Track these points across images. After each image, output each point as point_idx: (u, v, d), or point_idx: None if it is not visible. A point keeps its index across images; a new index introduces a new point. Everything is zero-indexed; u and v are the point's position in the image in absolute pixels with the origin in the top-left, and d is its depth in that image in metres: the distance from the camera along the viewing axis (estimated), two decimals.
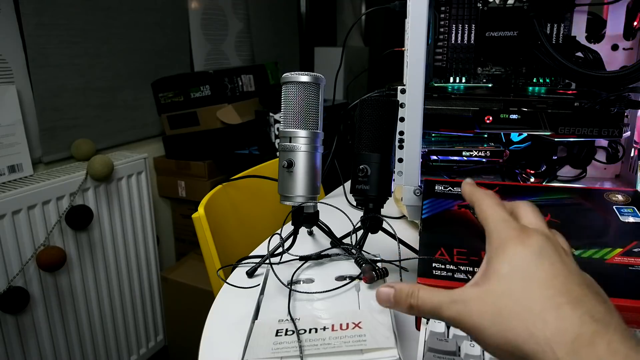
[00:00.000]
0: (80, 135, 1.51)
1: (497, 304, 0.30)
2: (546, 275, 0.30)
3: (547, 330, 0.27)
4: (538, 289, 0.29)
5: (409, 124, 0.60)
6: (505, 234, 0.33)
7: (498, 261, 0.32)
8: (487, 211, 0.36)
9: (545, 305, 0.28)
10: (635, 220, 0.53)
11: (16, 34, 1.31)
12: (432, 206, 0.58)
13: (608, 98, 0.62)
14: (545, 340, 0.27)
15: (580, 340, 0.26)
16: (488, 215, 0.36)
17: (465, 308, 0.31)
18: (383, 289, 0.37)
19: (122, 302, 1.56)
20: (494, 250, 0.33)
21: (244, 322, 0.46)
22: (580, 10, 0.73)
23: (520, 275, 0.30)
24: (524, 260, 0.31)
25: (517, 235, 0.33)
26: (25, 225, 1.22)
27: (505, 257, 0.32)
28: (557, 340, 0.26)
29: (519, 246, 0.32)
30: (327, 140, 0.66)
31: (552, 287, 0.29)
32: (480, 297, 0.31)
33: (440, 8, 0.75)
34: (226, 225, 0.96)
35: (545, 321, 0.27)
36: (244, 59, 2.29)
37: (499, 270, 0.31)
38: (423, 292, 0.34)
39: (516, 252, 0.32)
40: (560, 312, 0.27)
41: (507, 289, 0.30)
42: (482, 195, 0.38)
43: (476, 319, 0.30)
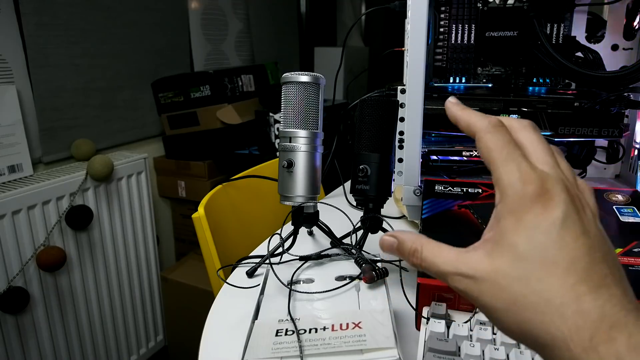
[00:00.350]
0: (80, 135, 1.51)
1: (511, 289, 0.27)
2: (570, 257, 0.26)
3: (564, 327, 0.25)
4: (559, 276, 0.26)
5: (409, 124, 0.60)
6: (522, 192, 0.28)
7: (515, 231, 0.27)
8: (495, 154, 0.29)
9: (565, 298, 0.26)
10: (635, 220, 0.53)
11: (16, 34, 1.31)
12: (432, 206, 0.58)
13: (608, 98, 0.62)
14: (562, 337, 0.25)
15: (598, 337, 0.25)
16: (497, 160, 0.29)
17: (474, 285, 0.28)
18: (387, 238, 0.33)
19: (122, 302, 1.56)
20: (508, 212, 0.28)
21: (244, 322, 0.46)
22: (580, 10, 0.73)
23: (540, 257, 0.27)
24: (546, 236, 0.27)
25: (538, 195, 0.27)
26: (25, 225, 1.22)
27: (524, 229, 0.27)
28: (573, 338, 0.25)
29: (540, 215, 0.27)
30: (327, 140, 0.66)
31: (574, 273, 0.26)
32: (492, 277, 0.28)
33: (440, 8, 0.75)
34: (226, 225, 0.96)
35: (563, 316, 0.25)
36: (244, 59, 2.29)
37: (517, 246, 0.27)
38: (427, 252, 0.31)
39: (537, 223, 0.27)
40: (580, 305, 0.25)
41: (524, 274, 0.27)
42: (485, 128, 0.30)
43: (488, 300, 0.28)
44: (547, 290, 0.26)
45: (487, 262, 0.28)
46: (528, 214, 0.27)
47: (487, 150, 0.30)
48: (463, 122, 0.32)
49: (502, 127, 0.30)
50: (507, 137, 0.30)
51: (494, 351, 0.41)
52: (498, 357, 0.41)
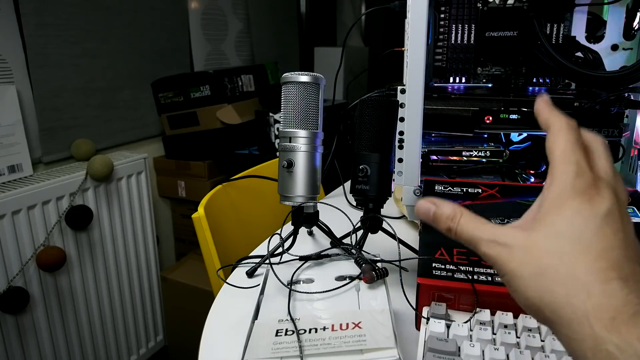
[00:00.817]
0: (80, 135, 1.51)
1: (542, 260, 0.28)
2: (604, 245, 0.28)
3: (588, 303, 0.26)
4: (591, 258, 0.27)
5: (408, 124, 0.60)
6: (573, 185, 0.29)
7: (556, 212, 0.29)
8: (561, 148, 0.31)
9: (593, 277, 0.26)
10: (635, 221, 0.53)
11: (16, 34, 1.31)
12: None
13: (608, 98, 0.62)
14: (584, 312, 0.26)
15: (621, 318, 0.25)
16: (560, 153, 0.31)
17: (505, 252, 0.29)
18: (424, 203, 0.35)
19: (122, 302, 1.56)
20: (554, 197, 0.30)
21: (244, 322, 0.46)
22: (580, 10, 0.73)
23: (576, 238, 0.28)
24: (586, 222, 0.28)
25: (586, 191, 0.29)
26: (25, 226, 1.22)
27: (566, 211, 0.29)
28: (596, 315, 0.25)
29: (585, 204, 0.28)
30: (327, 140, 0.66)
31: (607, 259, 0.27)
32: (526, 246, 0.29)
33: (440, 8, 0.75)
34: (226, 225, 0.96)
35: (589, 293, 0.26)
36: (244, 59, 2.29)
37: (555, 224, 0.29)
38: (465, 219, 0.32)
39: (580, 209, 0.28)
40: (607, 287, 0.26)
41: (559, 248, 0.28)
42: (561, 126, 0.32)
43: (515, 267, 0.29)
44: (577, 267, 0.27)
45: (523, 235, 0.30)
46: (574, 200, 0.29)
47: (554, 143, 0.31)
48: (543, 116, 0.34)
49: (577, 129, 0.32)
50: (576, 137, 0.31)
51: (494, 351, 0.41)
52: (498, 357, 0.41)
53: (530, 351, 0.41)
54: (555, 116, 0.33)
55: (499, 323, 0.45)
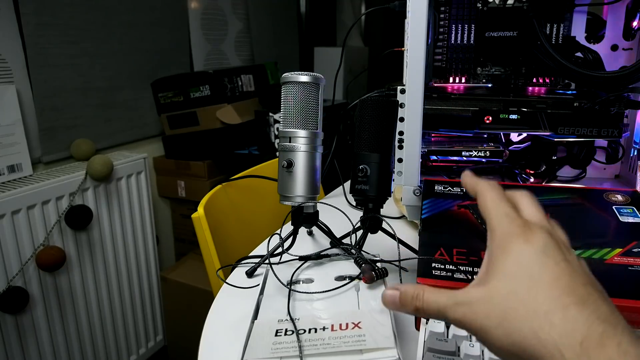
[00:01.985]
0: (80, 135, 1.51)
1: (502, 305, 0.30)
2: (551, 275, 0.29)
3: (554, 333, 0.27)
4: (543, 289, 0.29)
5: (408, 124, 0.60)
6: (509, 230, 0.32)
7: (502, 259, 0.31)
8: (489, 205, 0.35)
9: (551, 307, 0.28)
10: (635, 221, 0.53)
11: (16, 34, 1.31)
12: (432, 206, 0.58)
13: (608, 98, 0.62)
14: (552, 343, 0.26)
15: (588, 342, 0.25)
16: (490, 209, 0.35)
17: (470, 310, 0.31)
18: (388, 291, 0.36)
19: (122, 302, 1.56)
20: (496, 247, 0.32)
21: (244, 322, 0.46)
22: (580, 11, 0.73)
23: (525, 275, 0.30)
24: (528, 259, 0.30)
25: (521, 232, 0.32)
26: (25, 225, 1.22)
27: (509, 255, 0.31)
28: (565, 343, 0.26)
29: (523, 244, 0.31)
30: (327, 140, 0.66)
31: (558, 287, 0.29)
32: (485, 298, 0.31)
33: (440, 8, 0.75)
34: (226, 225, 0.96)
35: (552, 323, 0.27)
36: (244, 59, 2.29)
37: (504, 269, 0.31)
38: (428, 294, 0.34)
39: (521, 250, 0.31)
40: (567, 313, 0.27)
41: (512, 289, 0.30)
42: (485, 187, 0.37)
43: (482, 321, 0.30)
44: (534, 301, 0.28)
45: (480, 289, 0.32)
46: (513, 244, 0.32)
47: (484, 202, 0.36)
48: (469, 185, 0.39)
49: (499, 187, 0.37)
50: (500, 194, 0.36)
51: None
52: (497, 358, 0.41)
53: None
54: (478, 182, 0.38)
55: None
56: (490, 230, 0.34)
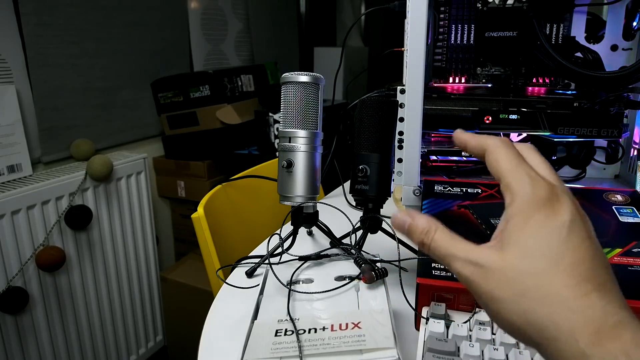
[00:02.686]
0: (80, 135, 1.51)
1: (520, 283, 0.28)
2: (574, 257, 0.28)
3: (571, 319, 0.26)
4: (564, 274, 0.27)
5: (408, 124, 0.60)
6: (532, 196, 0.29)
7: (522, 229, 0.29)
8: (506, 164, 0.31)
9: (572, 293, 0.27)
10: (635, 221, 0.53)
11: (16, 34, 1.31)
12: (432, 206, 0.58)
13: (607, 98, 0.62)
14: (569, 329, 0.26)
15: (604, 331, 0.25)
16: (508, 169, 0.31)
17: (481, 272, 0.29)
18: (400, 215, 0.34)
19: (122, 302, 1.56)
20: (517, 212, 0.29)
21: (244, 322, 0.46)
22: (580, 11, 0.73)
23: (547, 255, 0.28)
24: (551, 236, 0.28)
25: (547, 200, 0.29)
26: (25, 225, 1.22)
27: (531, 227, 0.29)
28: (581, 330, 0.26)
29: (548, 216, 0.28)
30: (327, 140, 0.66)
31: (579, 272, 0.27)
32: (500, 268, 0.29)
33: (440, 8, 0.75)
34: (226, 225, 0.96)
35: (570, 309, 0.26)
36: (244, 59, 2.29)
37: (524, 243, 0.29)
38: (440, 234, 0.32)
39: (544, 223, 0.28)
40: (587, 300, 0.26)
41: (533, 268, 0.28)
42: (497, 144, 0.32)
43: (493, 289, 0.29)
44: (555, 285, 0.27)
45: (496, 255, 0.29)
46: (538, 214, 0.29)
47: (497, 161, 0.32)
48: (474, 141, 0.34)
49: (511, 144, 0.32)
50: (516, 151, 0.32)
51: (493, 351, 0.41)
52: (497, 357, 0.41)
53: (530, 351, 0.41)
54: (485, 138, 0.33)
55: None
56: (510, 192, 0.30)
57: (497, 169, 0.32)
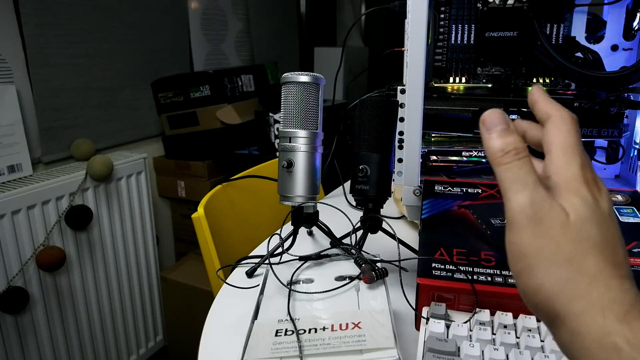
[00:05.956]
0: (80, 135, 1.51)
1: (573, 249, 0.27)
2: (615, 242, 0.28)
3: (606, 296, 0.26)
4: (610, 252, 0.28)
5: (408, 124, 0.60)
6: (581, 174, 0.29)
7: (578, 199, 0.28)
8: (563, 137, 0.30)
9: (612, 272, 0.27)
10: (635, 221, 0.53)
11: (16, 33, 1.31)
12: (432, 206, 0.58)
13: (608, 98, 0.62)
14: (600, 304, 0.26)
15: (633, 313, 0.25)
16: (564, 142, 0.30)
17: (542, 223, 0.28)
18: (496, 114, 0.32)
19: (122, 302, 1.56)
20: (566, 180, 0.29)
21: (244, 322, 0.46)
22: (580, 11, 0.73)
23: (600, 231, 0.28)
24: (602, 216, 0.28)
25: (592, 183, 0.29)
26: (25, 225, 1.22)
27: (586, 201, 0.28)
28: (612, 308, 0.26)
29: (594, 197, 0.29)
30: (327, 140, 0.66)
31: (619, 255, 0.28)
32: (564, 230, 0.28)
33: (440, 8, 0.75)
34: (226, 225, 0.96)
35: (608, 286, 0.26)
36: (244, 59, 2.29)
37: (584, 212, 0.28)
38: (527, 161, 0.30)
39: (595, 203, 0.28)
40: (622, 282, 0.27)
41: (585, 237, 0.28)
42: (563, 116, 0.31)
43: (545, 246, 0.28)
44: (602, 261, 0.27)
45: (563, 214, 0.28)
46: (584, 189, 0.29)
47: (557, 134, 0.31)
48: (542, 103, 0.33)
49: (578, 123, 0.32)
50: (579, 131, 0.31)
51: (494, 351, 0.41)
52: (497, 357, 0.41)
53: (530, 351, 0.41)
54: (556, 106, 0.32)
55: (498, 323, 0.45)
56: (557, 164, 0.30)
57: (553, 140, 0.31)
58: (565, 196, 0.29)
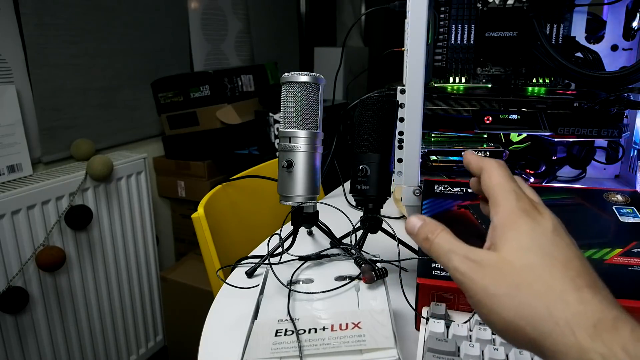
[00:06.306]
0: (80, 135, 1.51)
1: (515, 277, 0.29)
2: (565, 255, 0.29)
3: (567, 312, 0.26)
4: (560, 268, 0.28)
5: (408, 124, 0.60)
6: (517, 206, 0.32)
7: (513, 233, 0.31)
8: (497, 180, 0.34)
9: (566, 286, 0.27)
10: (635, 221, 0.53)
11: (16, 33, 1.31)
12: (432, 206, 0.58)
13: (607, 98, 0.62)
14: (565, 321, 0.26)
15: (602, 325, 0.25)
16: (497, 184, 0.34)
17: (478, 268, 0.30)
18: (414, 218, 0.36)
19: (122, 302, 1.56)
20: (504, 221, 0.32)
21: (244, 322, 0.46)
22: (580, 11, 0.73)
23: (540, 251, 0.29)
24: (542, 236, 0.30)
25: (530, 210, 0.32)
26: (25, 225, 1.22)
27: (521, 230, 0.31)
28: (578, 323, 0.26)
29: (534, 222, 0.31)
30: (327, 140, 0.66)
31: (572, 268, 0.28)
32: (498, 265, 0.30)
33: (440, 8, 0.75)
34: (226, 225, 0.96)
35: (566, 302, 0.27)
36: (244, 59, 2.29)
37: (517, 243, 0.30)
38: (444, 234, 0.34)
39: (533, 227, 0.31)
40: (581, 294, 0.27)
41: (528, 263, 0.29)
42: (493, 164, 0.36)
43: (488, 284, 0.29)
44: (550, 279, 0.28)
45: (493, 255, 0.31)
46: (523, 220, 0.31)
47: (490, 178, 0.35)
48: (474, 161, 0.38)
49: (505, 165, 0.36)
50: (508, 172, 0.35)
51: (494, 351, 0.41)
52: (497, 357, 0.41)
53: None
54: (485, 159, 0.37)
55: None
56: (496, 204, 0.33)
57: (487, 184, 0.35)
58: (501, 233, 0.31)
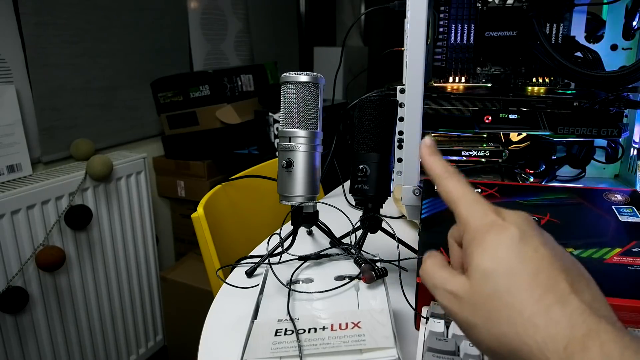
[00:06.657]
0: (80, 135, 1.51)
1: (485, 306, 0.29)
2: (531, 268, 0.28)
3: (538, 336, 0.26)
4: (524, 289, 0.28)
5: (408, 123, 0.60)
6: (482, 220, 0.31)
7: (479, 254, 0.30)
8: (455, 193, 0.33)
9: (534, 309, 0.27)
10: (634, 220, 0.53)
11: (15, 33, 1.31)
12: (432, 206, 0.58)
13: (607, 98, 0.62)
14: (537, 347, 0.26)
15: (572, 346, 0.25)
16: (457, 198, 0.33)
17: (456, 301, 0.31)
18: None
19: (122, 302, 1.56)
20: (471, 240, 0.31)
21: (243, 322, 0.46)
22: (580, 10, 0.73)
23: (504, 273, 0.29)
24: (506, 252, 0.29)
25: (495, 221, 0.31)
26: (25, 225, 1.22)
27: (486, 250, 0.30)
28: (549, 347, 0.26)
29: (499, 234, 0.30)
30: (327, 140, 0.66)
31: (539, 285, 0.28)
32: (470, 296, 0.30)
33: (440, 8, 0.75)
34: (225, 225, 0.96)
35: (535, 326, 0.26)
36: (244, 59, 2.29)
37: (483, 268, 0.29)
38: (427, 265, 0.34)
39: (498, 243, 0.30)
40: (550, 315, 0.26)
41: (493, 290, 0.29)
42: (444, 175, 0.35)
43: (467, 316, 0.30)
44: (517, 303, 0.28)
45: (467, 284, 0.31)
46: (490, 235, 0.30)
47: (448, 190, 0.34)
48: (427, 164, 0.37)
49: (460, 174, 0.35)
50: (464, 180, 0.34)
51: None
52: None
53: None
54: (439, 164, 0.36)
55: None
56: (462, 222, 0.32)
57: (447, 197, 0.34)
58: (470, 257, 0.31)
